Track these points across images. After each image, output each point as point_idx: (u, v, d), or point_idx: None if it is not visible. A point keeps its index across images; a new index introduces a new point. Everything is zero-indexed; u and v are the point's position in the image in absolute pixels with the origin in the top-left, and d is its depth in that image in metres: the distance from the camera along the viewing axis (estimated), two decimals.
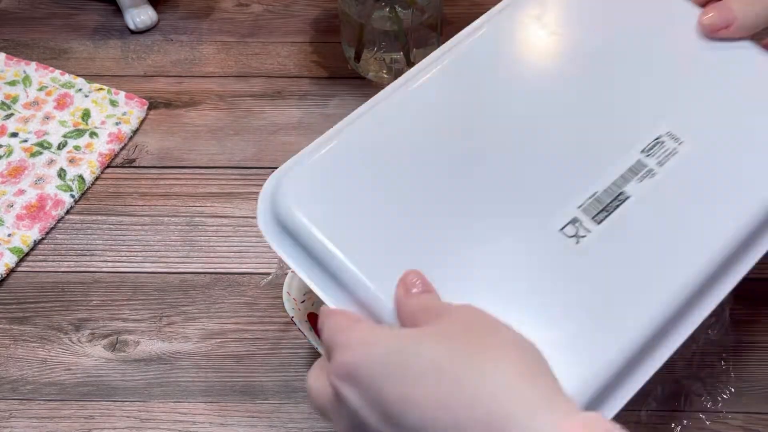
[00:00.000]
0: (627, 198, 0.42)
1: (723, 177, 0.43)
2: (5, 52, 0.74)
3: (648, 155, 0.43)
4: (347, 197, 0.42)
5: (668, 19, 0.48)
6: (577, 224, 0.41)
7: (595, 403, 0.37)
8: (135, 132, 0.69)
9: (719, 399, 0.52)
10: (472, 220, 0.41)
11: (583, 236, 0.41)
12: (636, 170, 0.43)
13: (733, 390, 0.52)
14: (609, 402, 0.38)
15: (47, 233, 0.62)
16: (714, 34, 0.46)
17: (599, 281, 0.39)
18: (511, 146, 0.44)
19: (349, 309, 0.40)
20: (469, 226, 0.41)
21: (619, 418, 0.52)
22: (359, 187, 0.43)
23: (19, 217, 0.62)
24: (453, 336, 0.34)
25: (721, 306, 0.55)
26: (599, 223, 0.41)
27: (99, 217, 0.64)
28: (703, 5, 0.48)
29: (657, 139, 0.44)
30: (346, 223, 0.41)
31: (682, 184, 0.42)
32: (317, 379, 0.37)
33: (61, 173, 0.65)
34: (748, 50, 0.46)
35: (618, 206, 0.41)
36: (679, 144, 0.43)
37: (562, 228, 0.41)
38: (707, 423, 0.51)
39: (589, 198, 0.42)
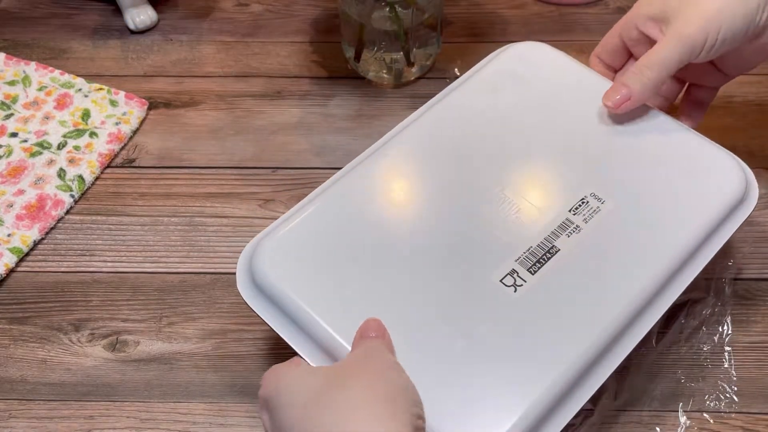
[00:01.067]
0: (557, 251, 0.47)
1: (640, 228, 0.48)
2: (5, 52, 0.74)
3: (575, 214, 0.49)
4: (314, 260, 0.48)
5: (589, 98, 0.55)
6: (514, 275, 0.46)
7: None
8: (135, 132, 0.69)
9: (720, 399, 0.52)
10: (426, 275, 0.47)
11: (520, 285, 0.46)
12: (565, 227, 0.48)
13: (733, 389, 0.52)
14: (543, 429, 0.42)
15: (47, 233, 0.62)
16: (619, 109, 0.53)
17: (533, 324, 0.45)
18: (460, 211, 0.50)
19: (315, 355, 0.45)
20: (423, 280, 0.47)
21: (616, 418, 0.52)
22: (324, 252, 0.48)
23: (19, 217, 0.62)
24: (339, 368, 0.40)
25: (722, 306, 0.56)
26: (534, 273, 0.47)
27: (99, 217, 0.64)
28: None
29: (582, 199, 0.50)
30: (312, 282, 0.47)
31: (605, 238, 0.48)
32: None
33: (61, 173, 0.65)
34: (649, 115, 0.54)
35: (550, 258, 0.47)
36: (602, 203, 0.49)
37: (502, 279, 0.46)
38: (708, 423, 0.51)
39: (525, 252, 0.47)
